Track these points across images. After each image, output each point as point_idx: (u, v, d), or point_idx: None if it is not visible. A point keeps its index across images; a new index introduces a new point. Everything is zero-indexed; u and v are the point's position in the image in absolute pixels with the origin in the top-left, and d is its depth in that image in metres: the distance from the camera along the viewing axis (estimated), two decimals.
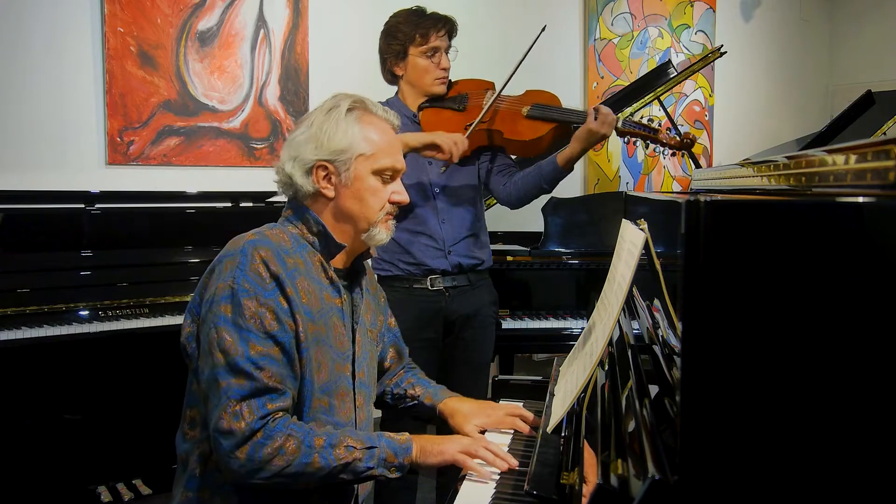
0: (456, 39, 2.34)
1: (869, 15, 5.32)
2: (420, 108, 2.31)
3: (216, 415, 1.21)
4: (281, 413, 1.24)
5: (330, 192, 1.35)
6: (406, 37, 2.24)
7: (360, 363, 1.43)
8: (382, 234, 1.39)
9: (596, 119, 2.15)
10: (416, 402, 1.63)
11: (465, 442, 1.35)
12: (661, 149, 2.29)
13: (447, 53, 2.30)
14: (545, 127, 2.26)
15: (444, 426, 1.58)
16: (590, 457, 1.07)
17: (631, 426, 0.93)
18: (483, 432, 1.50)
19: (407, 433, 1.35)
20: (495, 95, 2.28)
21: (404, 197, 1.41)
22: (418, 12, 2.28)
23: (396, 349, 1.67)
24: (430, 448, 1.33)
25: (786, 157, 1.01)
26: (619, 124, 2.22)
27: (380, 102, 2.30)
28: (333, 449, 1.25)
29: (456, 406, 1.57)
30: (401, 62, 2.28)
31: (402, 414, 1.67)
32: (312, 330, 1.30)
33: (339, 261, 1.41)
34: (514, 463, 1.32)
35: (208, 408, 1.24)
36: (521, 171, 2.37)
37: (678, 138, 2.26)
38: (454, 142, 2.12)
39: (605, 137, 2.20)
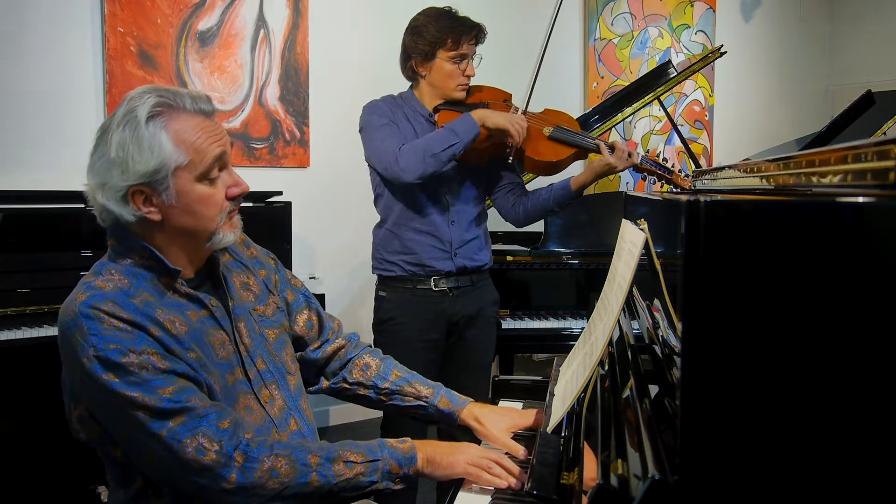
0: None
1: (869, 15, 5.32)
2: (437, 109, 2.31)
3: (179, 463, 1.11)
4: (250, 433, 1.17)
5: (156, 216, 1.17)
6: (436, 39, 2.21)
7: (252, 355, 1.29)
8: (228, 236, 1.23)
9: (615, 154, 2.25)
10: (422, 402, 1.49)
11: (476, 454, 1.28)
12: (674, 189, 2.41)
13: (472, 60, 2.29)
14: (566, 151, 2.33)
15: (460, 433, 1.49)
16: (590, 459, 1.07)
17: (631, 426, 0.93)
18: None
19: (409, 440, 1.29)
20: (522, 109, 2.31)
21: (243, 186, 1.23)
22: (450, 15, 2.24)
23: (311, 311, 1.49)
24: (437, 459, 1.27)
25: (785, 157, 1.01)
26: (639, 161, 2.32)
27: (391, 96, 2.32)
28: (332, 464, 1.20)
29: (481, 411, 1.46)
30: (426, 63, 2.26)
31: (402, 414, 1.55)
32: (193, 357, 1.17)
33: (188, 271, 1.25)
34: (523, 477, 1.27)
35: (162, 467, 1.13)
36: (530, 193, 2.39)
37: (691, 180, 2.37)
38: (522, 126, 2.18)
39: (621, 171, 2.32)
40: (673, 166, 2.40)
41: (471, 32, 2.22)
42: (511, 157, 2.27)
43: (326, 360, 1.51)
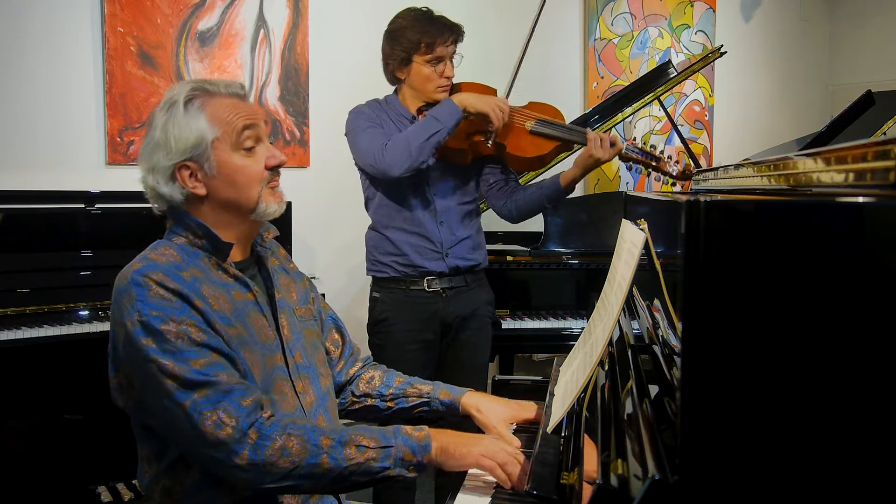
0: None
1: (869, 15, 5.32)
2: (420, 111, 2.31)
3: (197, 434, 1.14)
4: (268, 413, 1.19)
5: (201, 190, 1.27)
6: (411, 44, 2.19)
7: (291, 347, 1.35)
8: (272, 206, 1.31)
9: (599, 145, 2.21)
10: (424, 398, 1.52)
11: (492, 447, 1.27)
12: (663, 177, 2.38)
13: (452, 61, 2.28)
14: (548, 145, 2.29)
15: (465, 422, 1.50)
16: (590, 452, 1.07)
17: (631, 426, 0.93)
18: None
19: (426, 427, 1.28)
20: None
21: (280, 157, 1.32)
22: (425, 17, 2.22)
23: (337, 330, 1.58)
24: (452, 450, 1.25)
25: (786, 157, 1.01)
26: (623, 150, 2.28)
27: (375, 100, 2.33)
28: (343, 448, 1.19)
29: (481, 400, 1.49)
30: (404, 68, 2.25)
31: (408, 417, 1.56)
32: (233, 334, 1.23)
33: (236, 254, 1.34)
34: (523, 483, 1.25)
35: (183, 437, 1.17)
36: (521, 189, 2.38)
37: (680, 168, 2.35)
38: (504, 110, 2.15)
39: (607, 161, 2.27)
40: (661, 153, 2.34)
41: (444, 34, 2.20)
42: (491, 142, 2.22)
43: (348, 383, 1.57)
